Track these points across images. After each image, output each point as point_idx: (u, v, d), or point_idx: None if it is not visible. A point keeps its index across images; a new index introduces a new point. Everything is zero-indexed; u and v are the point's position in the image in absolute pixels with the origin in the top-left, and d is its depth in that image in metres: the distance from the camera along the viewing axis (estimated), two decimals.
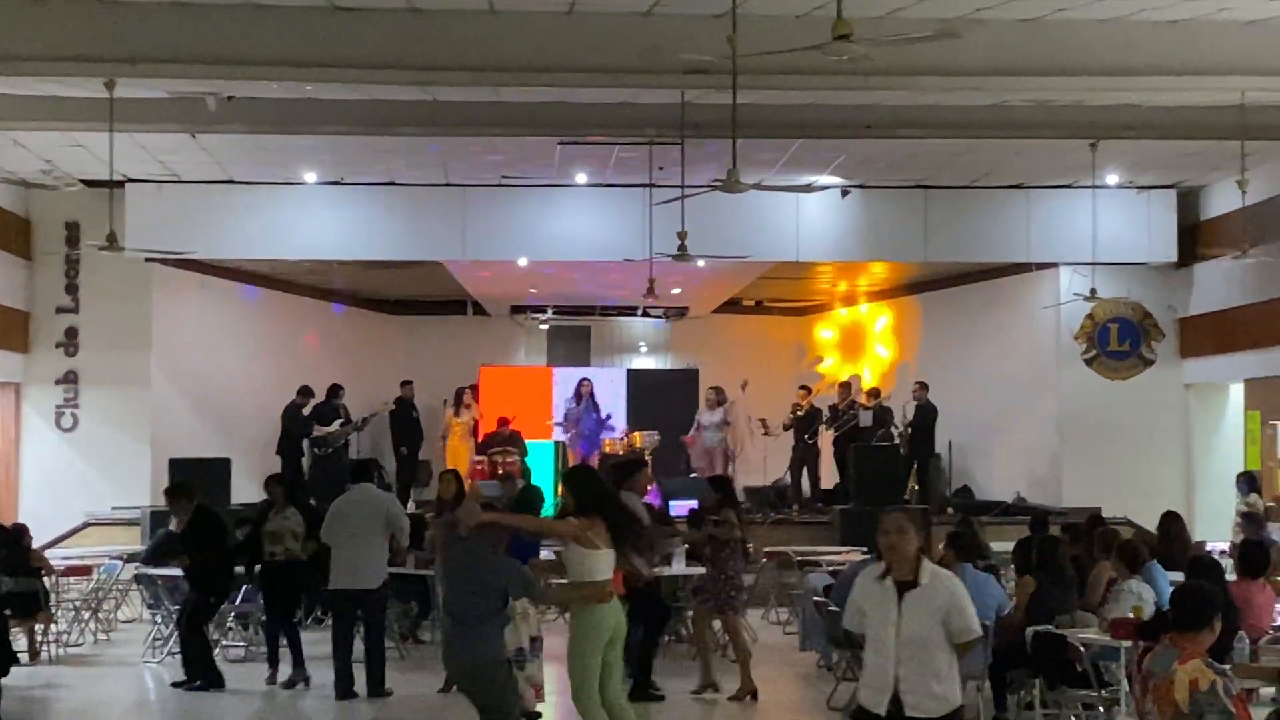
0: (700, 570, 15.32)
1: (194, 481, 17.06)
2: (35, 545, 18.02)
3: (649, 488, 16.66)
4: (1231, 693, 6.93)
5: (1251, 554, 13.26)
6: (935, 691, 7.73)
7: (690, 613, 16.08)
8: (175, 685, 15.12)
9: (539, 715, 13.44)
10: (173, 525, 16.67)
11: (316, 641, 16.29)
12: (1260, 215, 20.70)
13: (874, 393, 25.87)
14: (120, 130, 17.02)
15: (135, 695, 15.61)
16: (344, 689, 14.40)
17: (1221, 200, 22.51)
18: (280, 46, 15.11)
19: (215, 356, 24.96)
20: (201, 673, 15.06)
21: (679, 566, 16.35)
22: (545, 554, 16.86)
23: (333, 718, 14.00)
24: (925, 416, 24.70)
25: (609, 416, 26.56)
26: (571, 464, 25.91)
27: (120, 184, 21.42)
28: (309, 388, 24.53)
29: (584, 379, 26.75)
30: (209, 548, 15.41)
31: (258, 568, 15.65)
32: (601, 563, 10.34)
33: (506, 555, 10.24)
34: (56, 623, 17.38)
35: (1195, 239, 23.53)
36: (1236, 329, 22.38)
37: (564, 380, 28.28)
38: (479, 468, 23.70)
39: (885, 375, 28.79)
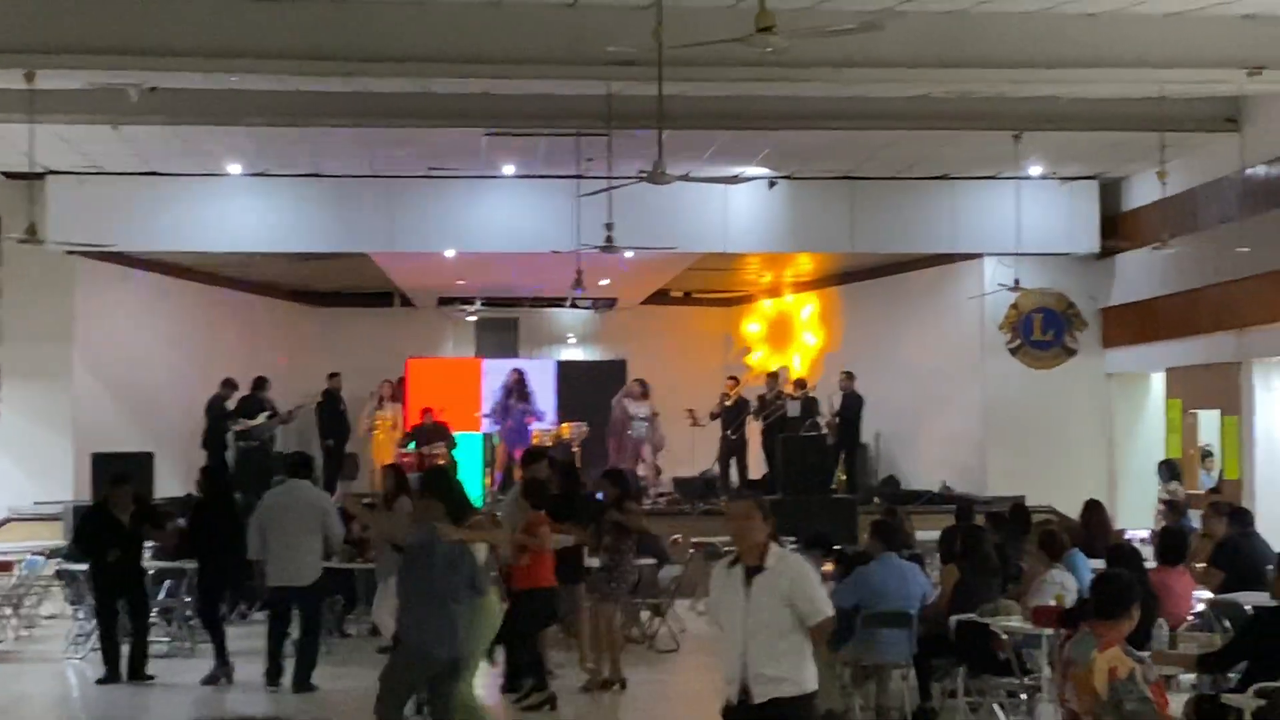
0: None
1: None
2: None
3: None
4: (1150, 680, 7.01)
5: (1171, 541, 13.42)
6: (781, 676, 7.71)
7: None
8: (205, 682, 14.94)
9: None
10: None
11: (243, 636, 16.25)
12: (1179, 206, 20.91)
13: (801, 383, 25.97)
14: (41, 122, 16.85)
15: (58, 691, 15.49)
16: (273, 679, 14.38)
17: (1142, 191, 22.72)
18: (203, 36, 15.02)
19: (139, 349, 24.77)
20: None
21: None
22: None
23: (261, 712, 13.92)
24: (852, 406, 24.82)
25: (531, 411, 26.32)
26: (499, 456, 25.89)
27: (41, 176, 21.25)
28: (232, 380, 24.36)
29: (514, 369, 26.67)
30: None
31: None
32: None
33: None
34: None
35: (1117, 230, 23.73)
36: (1157, 319, 22.60)
37: (492, 372, 28.21)
38: (406, 460, 23.61)
39: (812, 366, 28.91)
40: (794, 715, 7.73)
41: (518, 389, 25.95)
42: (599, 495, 15.37)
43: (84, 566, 16.72)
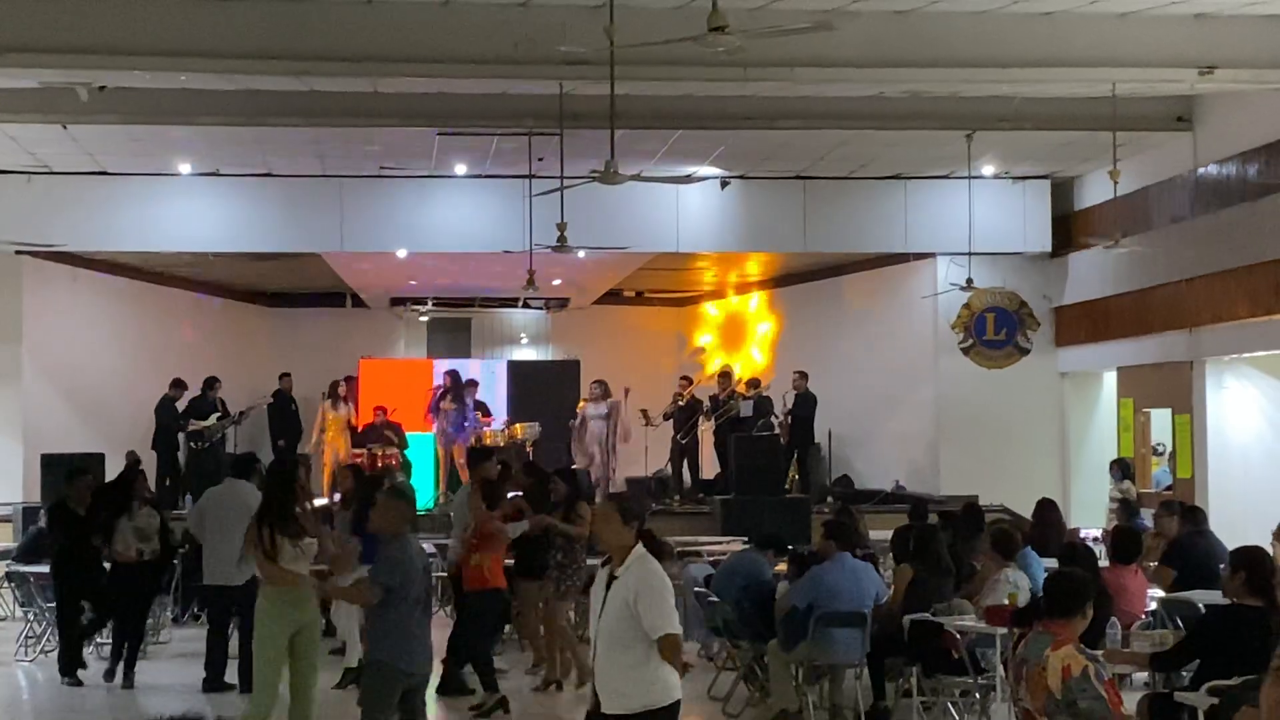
0: None
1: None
2: None
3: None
4: (1103, 678, 7.01)
5: (1124, 540, 13.48)
6: (623, 690, 7.57)
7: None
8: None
9: None
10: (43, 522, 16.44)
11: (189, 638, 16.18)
12: (1131, 205, 21.00)
13: (754, 383, 25.95)
14: None
15: (8, 694, 15.35)
16: (213, 682, 14.28)
17: (1094, 191, 22.82)
18: (153, 35, 14.93)
19: (88, 350, 24.60)
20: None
21: None
22: None
23: (211, 712, 13.82)
24: (805, 406, 24.82)
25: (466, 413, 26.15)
26: (440, 457, 25.75)
27: None
28: (181, 380, 24.19)
29: (448, 370, 26.51)
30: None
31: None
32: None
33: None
34: None
35: (1069, 229, 23.82)
36: (1110, 318, 22.69)
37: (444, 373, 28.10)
38: (358, 460, 23.51)
39: (765, 365, 28.92)
40: None
41: (453, 390, 25.78)
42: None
43: (35, 569, 16.62)
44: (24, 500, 21.40)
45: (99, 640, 16.15)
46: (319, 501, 16.46)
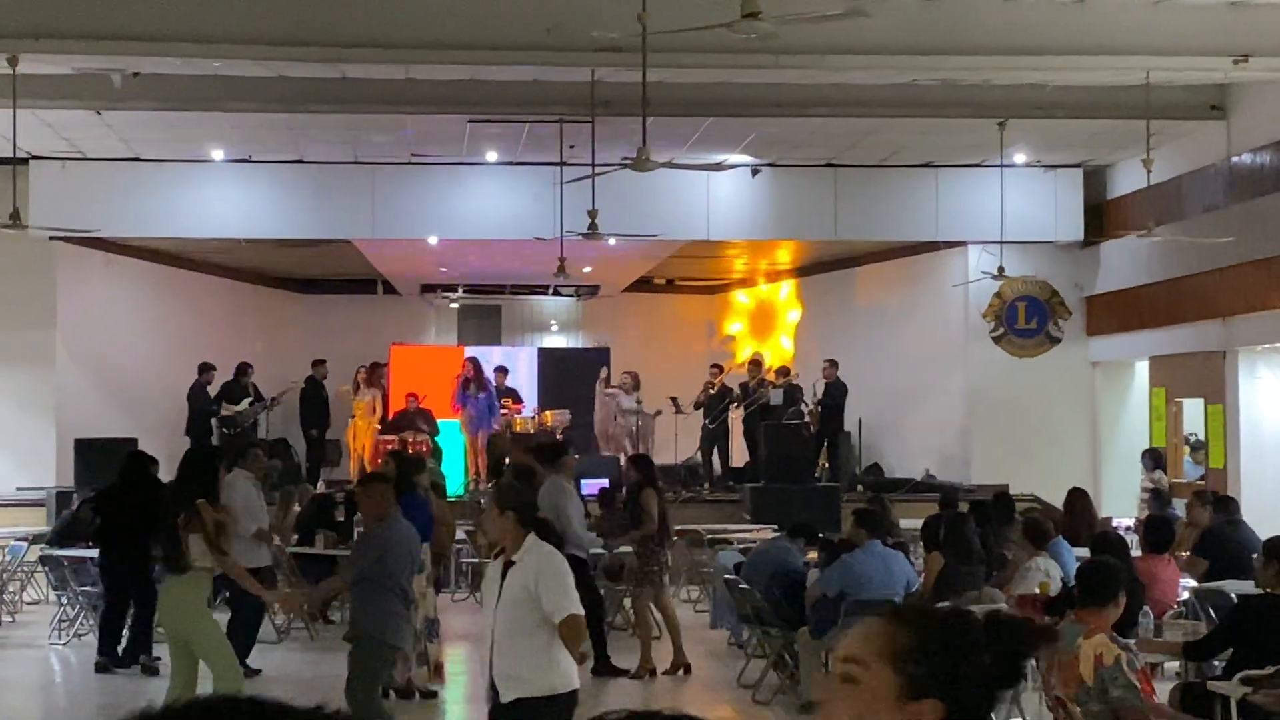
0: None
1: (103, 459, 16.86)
2: None
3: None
4: (1136, 667, 7.01)
5: (1156, 530, 13.44)
6: (521, 675, 7.59)
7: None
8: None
9: (435, 694, 13.51)
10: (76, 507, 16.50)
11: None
12: (1164, 194, 20.92)
13: (783, 371, 25.94)
14: (24, 107, 16.76)
15: (41, 678, 15.46)
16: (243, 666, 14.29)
17: (1127, 179, 22.73)
18: (187, 22, 14.98)
19: (121, 335, 24.69)
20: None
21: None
22: None
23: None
24: (835, 394, 24.80)
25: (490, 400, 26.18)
26: (468, 445, 25.79)
27: (24, 161, 21.15)
28: (209, 364, 24.28)
29: (468, 359, 26.53)
30: None
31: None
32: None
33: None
34: None
35: (1101, 218, 23.73)
36: (1142, 307, 22.61)
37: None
38: (388, 446, 23.57)
39: (794, 353, 28.90)
40: (536, 718, 7.58)
41: (474, 379, 25.82)
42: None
43: (68, 552, 16.68)
44: (57, 485, 21.51)
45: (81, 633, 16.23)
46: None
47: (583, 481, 21.33)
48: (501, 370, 26.57)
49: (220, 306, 27.98)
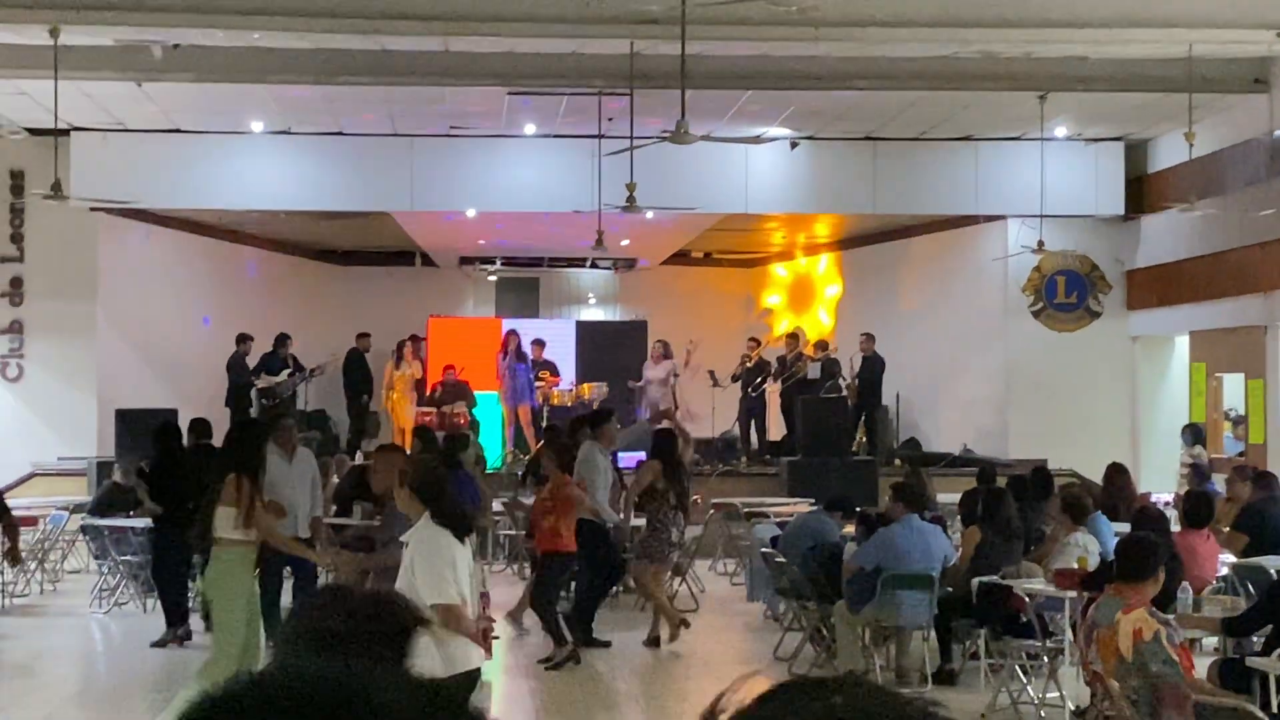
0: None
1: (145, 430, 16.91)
2: None
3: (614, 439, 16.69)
4: (1175, 642, 7.00)
5: (1195, 505, 13.39)
6: None
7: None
8: None
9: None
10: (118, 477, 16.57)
11: None
12: (1206, 168, 20.80)
13: (822, 345, 25.93)
14: (65, 78, 16.85)
15: (82, 646, 15.58)
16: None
17: (1168, 153, 22.60)
18: None
19: (162, 306, 24.80)
20: None
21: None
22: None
23: None
24: (872, 368, 24.77)
25: (531, 369, 26.21)
26: (506, 417, 25.84)
27: (65, 132, 21.21)
28: (247, 334, 24.37)
29: (510, 331, 26.56)
30: None
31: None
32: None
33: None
34: (2, 573, 17.25)
35: (1142, 192, 23.62)
36: (1182, 282, 22.50)
37: None
38: (427, 419, 23.64)
39: (832, 327, 28.86)
40: None
41: (515, 350, 25.86)
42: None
43: (109, 522, 16.77)
44: (98, 455, 21.64)
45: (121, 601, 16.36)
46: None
47: (620, 455, 21.42)
48: (539, 343, 26.60)
49: (260, 278, 28.08)
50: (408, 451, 15.12)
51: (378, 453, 10.79)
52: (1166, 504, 16.94)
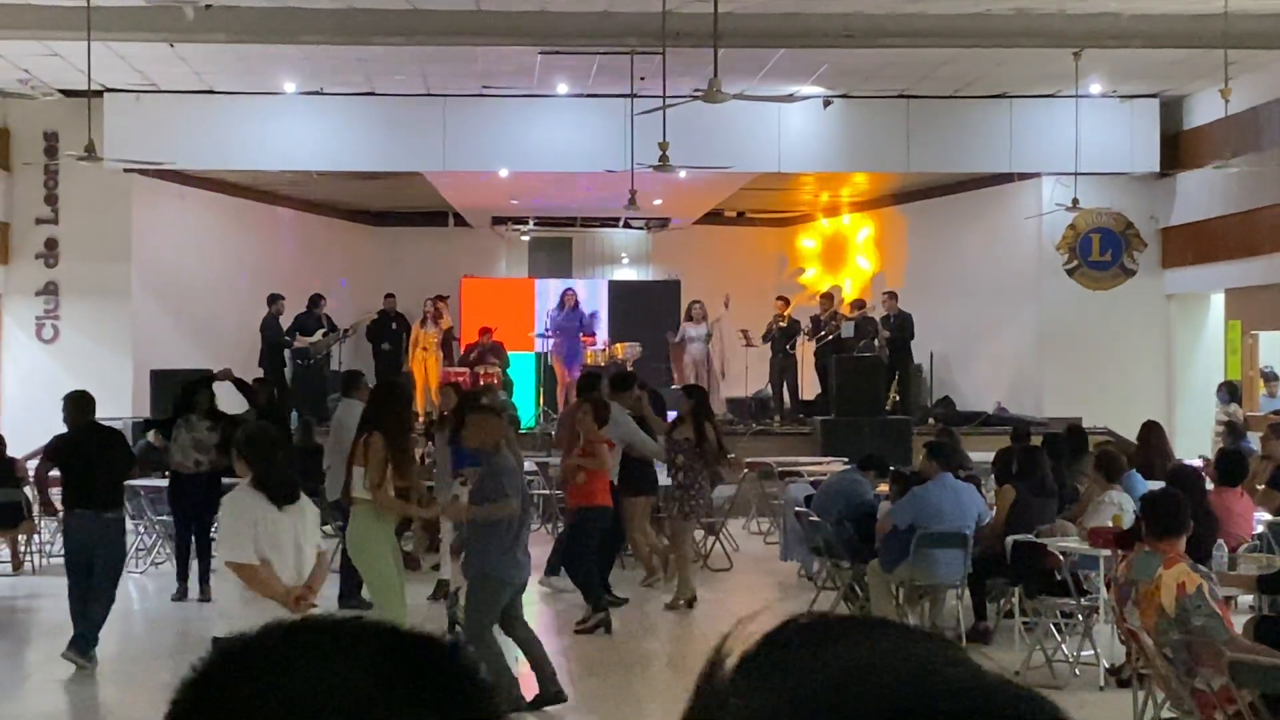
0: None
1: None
2: (18, 456, 17.99)
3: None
4: (1217, 596, 6.98)
5: (1230, 463, 13.34)
6: (225, 611, 8.05)
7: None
8: None
9: None
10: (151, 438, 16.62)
11: None
12: (1242, 124, 20.67)
13: (859, 304, 25.86)
14: (97, 39, 16.88)
15: (119, 605, 15.62)
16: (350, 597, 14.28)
17: (1204, 109, 22.46)
18: None
19: (196, 267, 24.88)
20: None
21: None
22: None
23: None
24: (901, 326, 24.70)
25: (592, 318, 26.27)
26: (560, 376, 25.86)
27: (99, 94, 21.25)
28: (278, 294, 24.43)
29: (569, 289, 26.63)
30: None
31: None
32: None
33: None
34: (40, 533, 17.37)
35: (1178, 148, 23.49)
36: (1218, 239, 22.39)
37: (545, 292, 28.25)
38: (460, 379, 23.69)
39: (867, 286, 28.78)
40: None
41: (572, 309, 25.92)
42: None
43: (145, 483, 16.87)
44: (134, 415, 21.74)
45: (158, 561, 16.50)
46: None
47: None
48: (569, 295, 26.66)
49: (293, 238, 28.13)
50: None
51: (473, 413, 10.75)
52: (1204, 459, 16.89)
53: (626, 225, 30.87)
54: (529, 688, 10.35)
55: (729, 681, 1.07)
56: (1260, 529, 13.12)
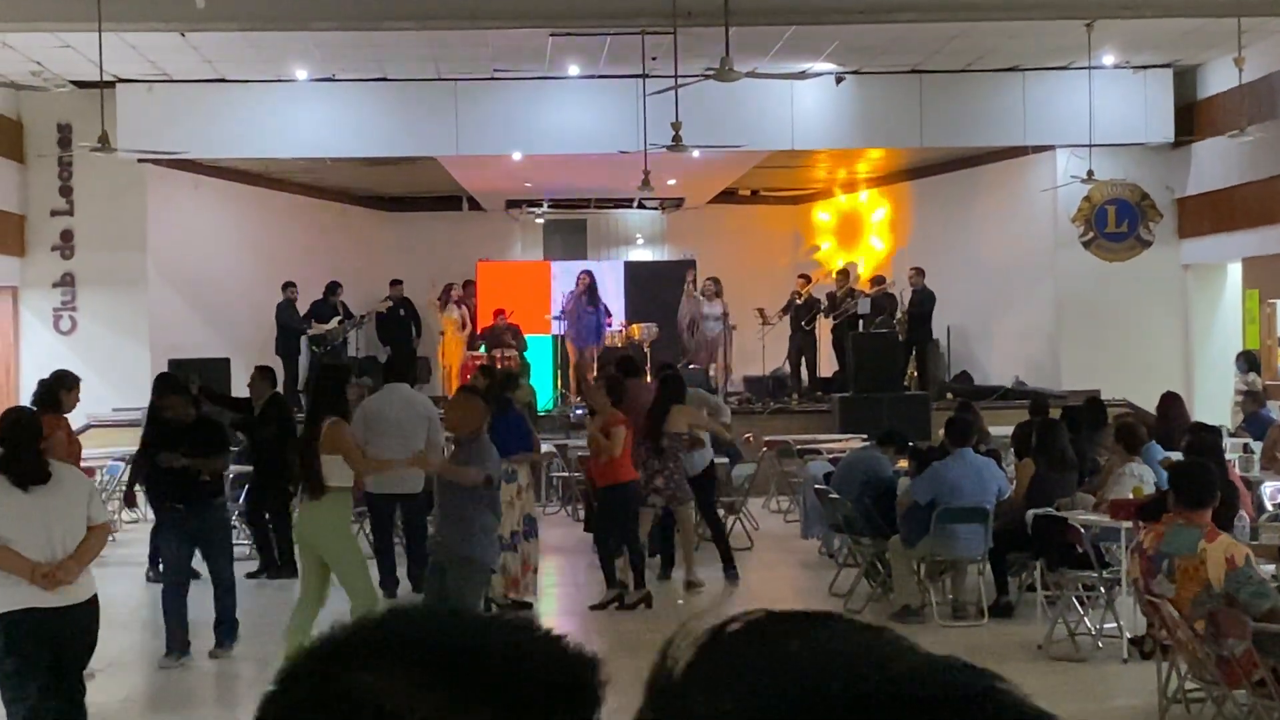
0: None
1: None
2: None
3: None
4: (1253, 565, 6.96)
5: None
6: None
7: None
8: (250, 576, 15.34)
9: (530, 605, 13.44)
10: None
11: None
12: (1257, 93, 20.58)
13: (878, 279, 25.80)
14: (109, 30, 16.87)
15: (141, 595, 15.69)
16: (389, 588, 14.10)
17: (1218, 79, 22.38)
18: None
19: (211, 256, 24.91)
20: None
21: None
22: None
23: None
24: (922, 302, 24.66)
25: (606, 312, 26.29)
26: (571, 357, 25.86)
27: (111, 84, 21.27)
28: (291, 282, 24.44)
29: (584, 271, 26.59)
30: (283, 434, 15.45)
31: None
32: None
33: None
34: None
35: (1192, 118, 23.40)
36: (1234, 208, 22.31)
37: (561, 274, 28.21)
38: (477, 362, 23.68)
39: (882, 262, 28.73)
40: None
41: (589, 292, 25.89)
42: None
43: None
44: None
45: None
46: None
47: None
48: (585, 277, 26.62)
49: (308, 226, 28.14)
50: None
51: (457, 394, 10.81)
52: (1217, 433, 16.84)
53: (640, 206, 30.85)
54: None
55: (681, 681, 1.07)
56: None
